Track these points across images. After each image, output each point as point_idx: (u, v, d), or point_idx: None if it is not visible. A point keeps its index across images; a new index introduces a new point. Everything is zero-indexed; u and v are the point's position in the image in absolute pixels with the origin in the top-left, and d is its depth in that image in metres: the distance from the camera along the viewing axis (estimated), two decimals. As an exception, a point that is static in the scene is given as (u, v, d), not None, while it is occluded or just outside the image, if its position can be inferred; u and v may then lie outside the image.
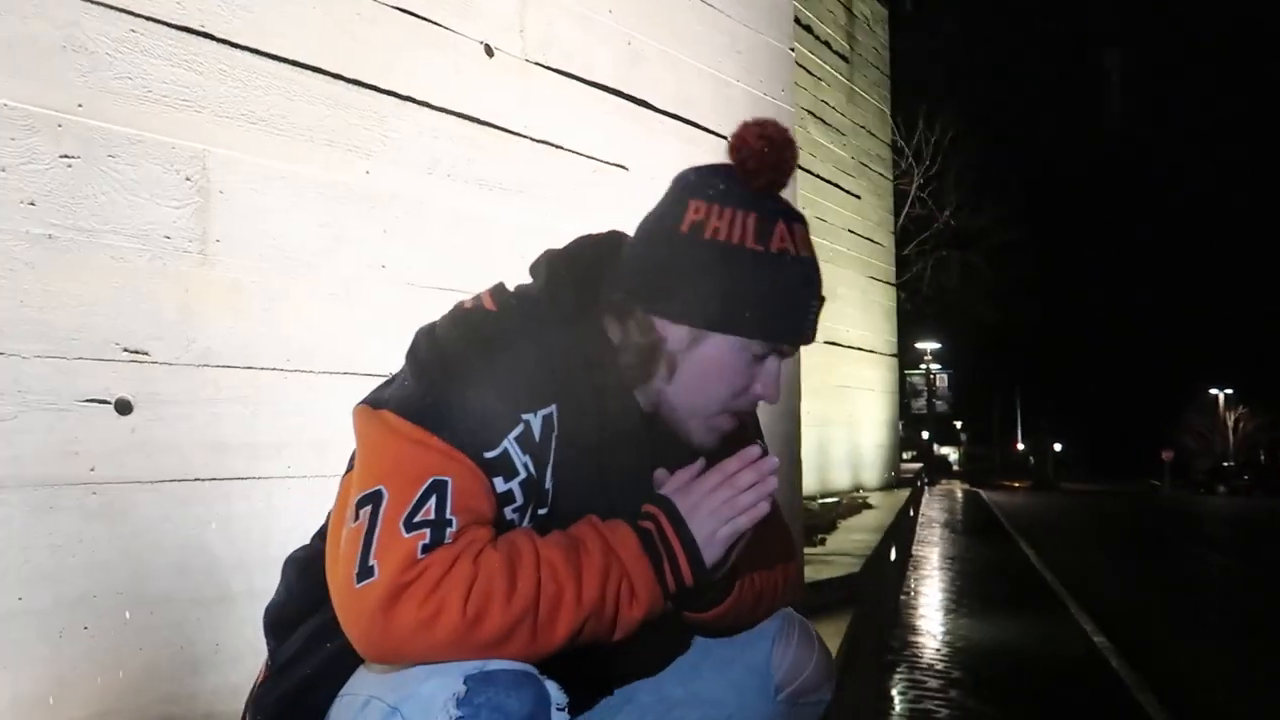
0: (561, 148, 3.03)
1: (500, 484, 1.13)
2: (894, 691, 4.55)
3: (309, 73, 2.36)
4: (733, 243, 1.21)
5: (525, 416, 1.15)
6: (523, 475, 1.14)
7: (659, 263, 1.25)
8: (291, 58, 2.32)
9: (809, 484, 8.36)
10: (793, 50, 4.17)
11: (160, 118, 2.07)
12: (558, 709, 1.04)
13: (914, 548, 11.11)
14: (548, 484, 1.18)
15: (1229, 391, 67.37)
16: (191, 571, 2.07)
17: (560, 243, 1.46)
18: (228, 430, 2.16)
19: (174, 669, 2.04)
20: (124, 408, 1.98)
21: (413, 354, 1.23)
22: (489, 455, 1.12)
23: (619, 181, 3.27)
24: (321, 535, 1.31)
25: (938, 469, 35.88)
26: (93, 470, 1.93)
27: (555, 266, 1.30)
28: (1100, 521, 19.70)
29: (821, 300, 1.28)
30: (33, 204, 1.88)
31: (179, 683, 2.04)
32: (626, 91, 3.31)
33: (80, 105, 1.95)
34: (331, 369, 2.38)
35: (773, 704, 1.35)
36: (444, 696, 1.00)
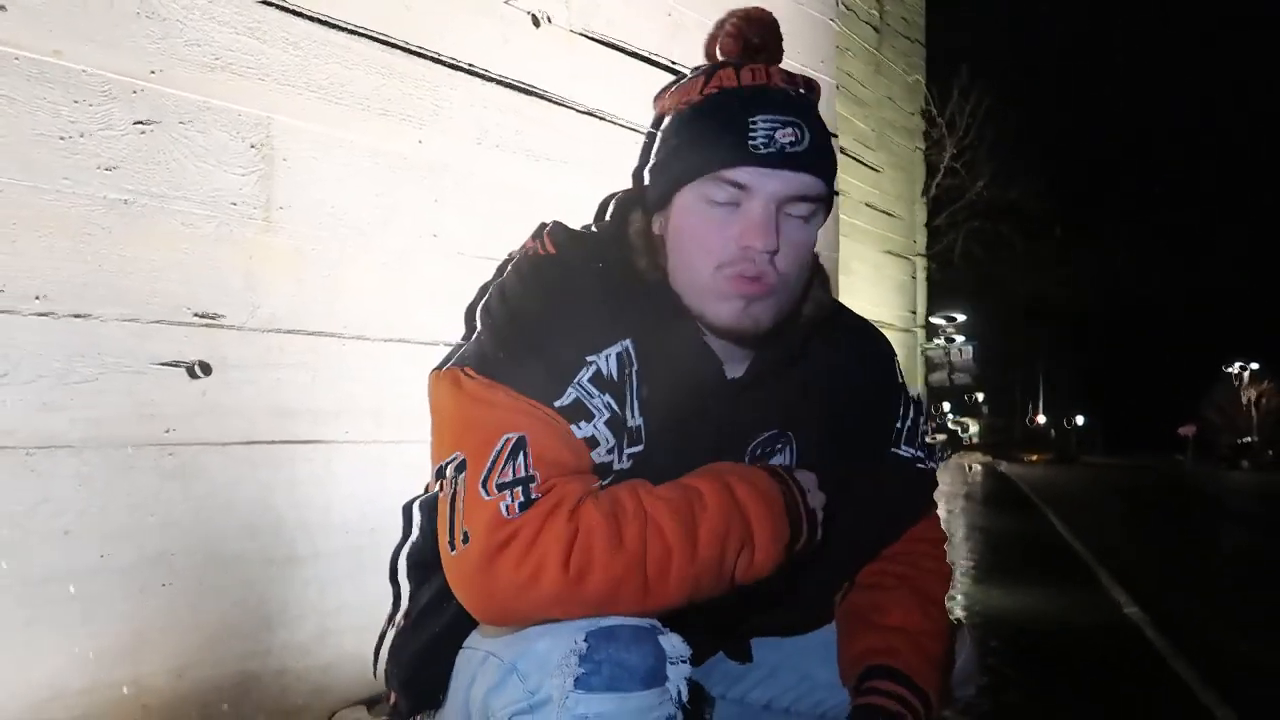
0: (605, 118, 3.05)
1: (581, 429, 1.09)
2: None
3: (365, 40, 2.38)
4: (678, 110, 1.21)
5: (592, 358, 1.10)
6: (605, 415, 1.10)
7: (645, 148, 1.26)
8: (349, 25, 2.34)
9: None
10: (834, 21, 4.17)
11: (227, 85, 2.11)
12: (678, 662, 1.03)
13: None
14: (636, 420, 1.13)
15: (1254, 367, 66.93)
16: (260, 532, 2.12)
17: None
18: (290, 395, 2.20)
19: (248, 626, 2.09)
20: (195, 371, 2.03)
21: (485, 310, 1.19)
22: (560, 403, 1.08)
23: (662, 151, 3.28)
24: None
25: (956, 442, 35.82)
26: (168, 432, 1.98)
27: (622, 205, 1.27)
28: (1124, 495, 19.64)
29: (786, 119, 1.16)
30: (109, 169, 1.92)
31: (253, 639, 2.10)
32: (667, 61, 3.32)
33: (154, 72, 1.98)
34: (386, 337, 2.42)
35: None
36: (563, 652, 1.00)
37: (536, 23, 2.83)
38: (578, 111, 2.95)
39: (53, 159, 1.84)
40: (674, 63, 3.32)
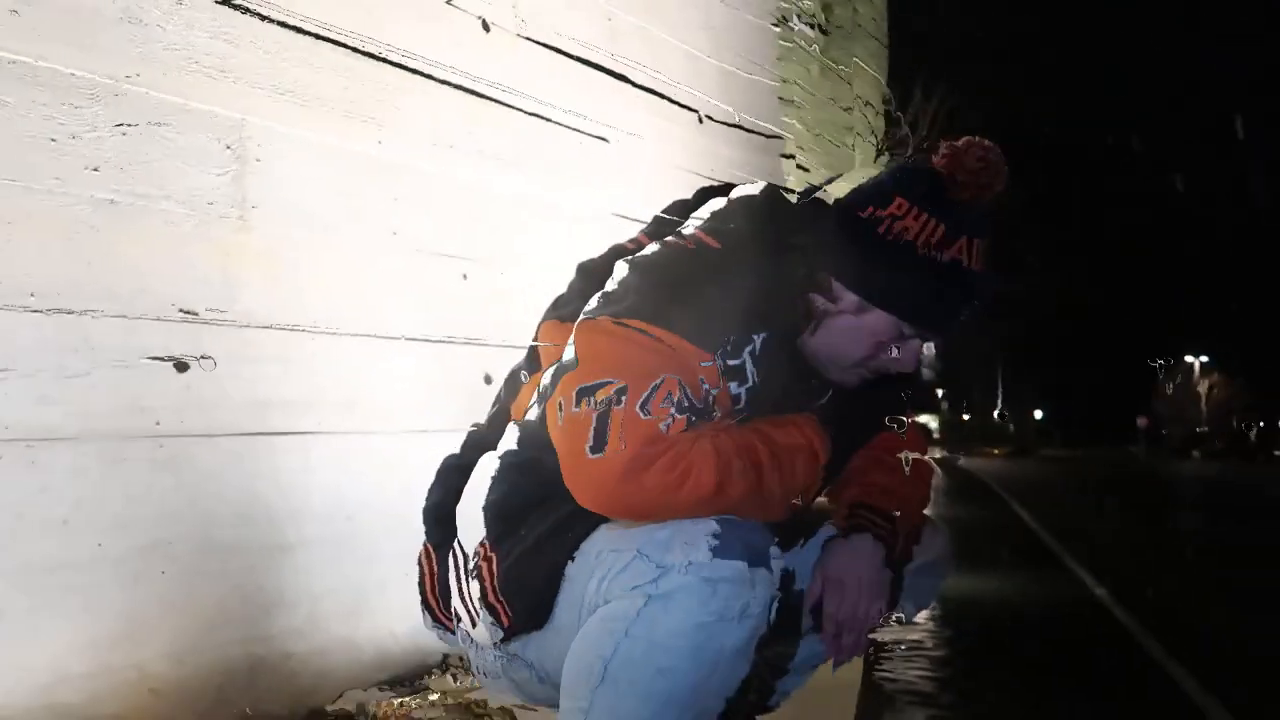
0: (550, 120, 3.17)
1: (734, 388, 1.36)
2: (902, 648, 4.70)
3: (329, 44, 2.46)
4: (916, 244, 1.39)
5: (756, 335, 1.37)
6: (750, 383, 1.37)
7: (854, 239, 1.43)
8: (313, 30, 2.42)
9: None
10: (775, 26, 4.34)
11: (203, 88, 2.16)
12: (776, 557, 1.29)
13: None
14: (742, 402, 1.40)
15: (1204, 359, 69.74)
16: (253, 521, 2.18)
17: (551, 214, 1.67)
18: (266, 388, 2.27)
19: (247, 611, 2.15)
20: (182, 366, 2.08)
21: (644, 265, 1.39)
22: (733, 363, 1.35)
23: (600, 153, 3.41)
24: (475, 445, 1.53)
25: (926, 435, 36.57)
26: (158, 424, 2.03)
27: (759, 212, 1.46)
28: (1082, 485, 20.39)
29: (976, 307, 1.47)
30: (96, 170, 1.96)
31: (254, 624, 2.16)
32: (607, 66, 3.45)
33: (135, 75, 2.03)
34: (353, 331, 2.49)
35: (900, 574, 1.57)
36: (689, 535, 1.22)
37: (486, 28, 2.94)
38: (524, 113, 3.06)
39: (43, 160, 1.88)
40: (614, 63, 3.45)
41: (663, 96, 3.71)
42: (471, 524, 1.45)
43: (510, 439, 1.47)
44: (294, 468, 2.30)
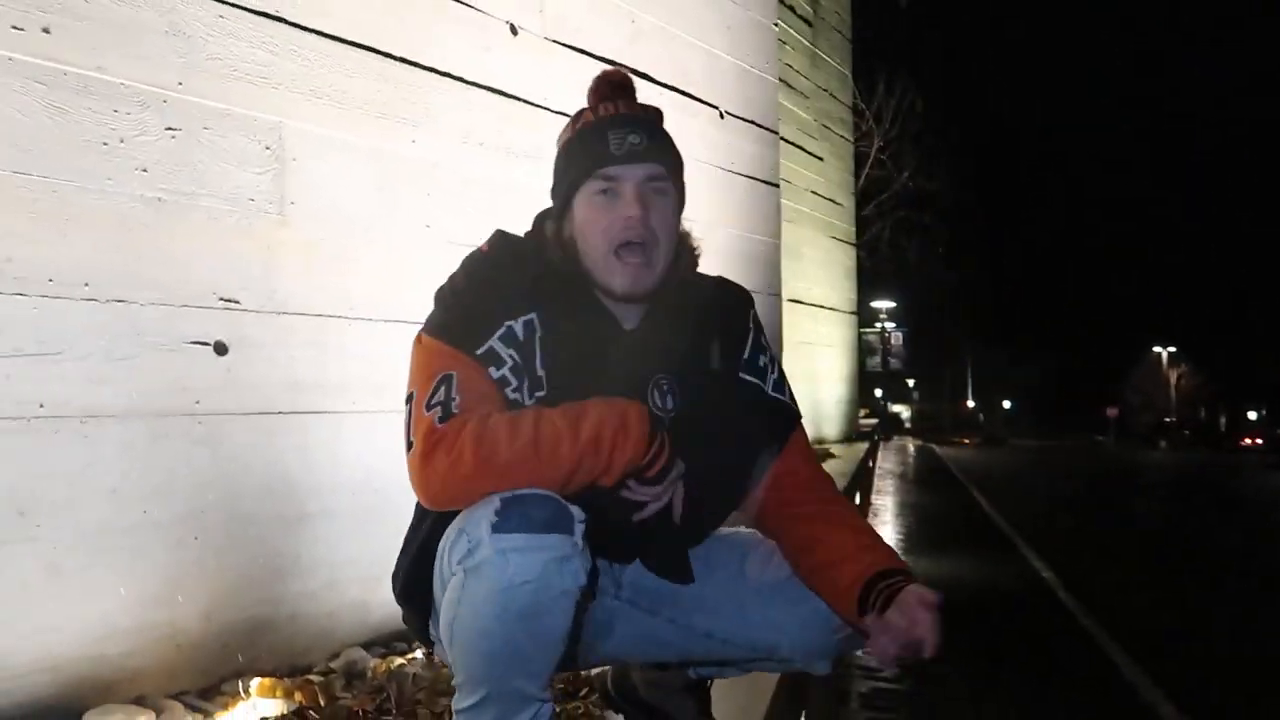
0: (575, 118, 3.32)
1: (494, 372, 1.47)
2: None
3: (363, 51, 2.63)
4: (562, 145, 1.62)
5: (508, 322, 1.49)
6: (509, 364, 1.48)
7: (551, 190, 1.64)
8: (349, 38, 2.59)
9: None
10: (776, 26, 4.47)
11: (244, 93, 2.34)
12: (579, 521, 1.37)
13: (872, 496, 11.58)
14: (539, 371, 1.50)
15: (1171, 350, 69.27)
16: (276, 493, 2.37)
17: None
18: (302, 371, 2.45)
19: (265, 576, 2.35)
20: (221, 349, 2.27)
21: (439, 291, 1.60)
22: (479, 351, 1.47)
23: (624, 149, 3.56)
24: None
25: (891, 425, 36.50)
26: (197, 403, 2.23)
27: (538, 218, 1.66)
28: (1047, 473, 20.40)
29: (631, 131, 1.55)
30: (145, 171, 2.15)
31: (269, 588, 2.36)
32: (630, 65, 3.59)
33: (180, 83, 2.22)
34: (386, 317, 2.67)
35: (830, 638, 1.60)
36: (488, 512, 1.35)
37: (514, 31, 3.09)
38: (551, 111, 3.22)
39: (97, 162, 2.07)
40: (637, 62, 3.59)
41: (684, 93, 3.85)
42: None
43: None
44: (323, 445, 2.49)
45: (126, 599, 2.08)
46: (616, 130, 1.56)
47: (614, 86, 1.66)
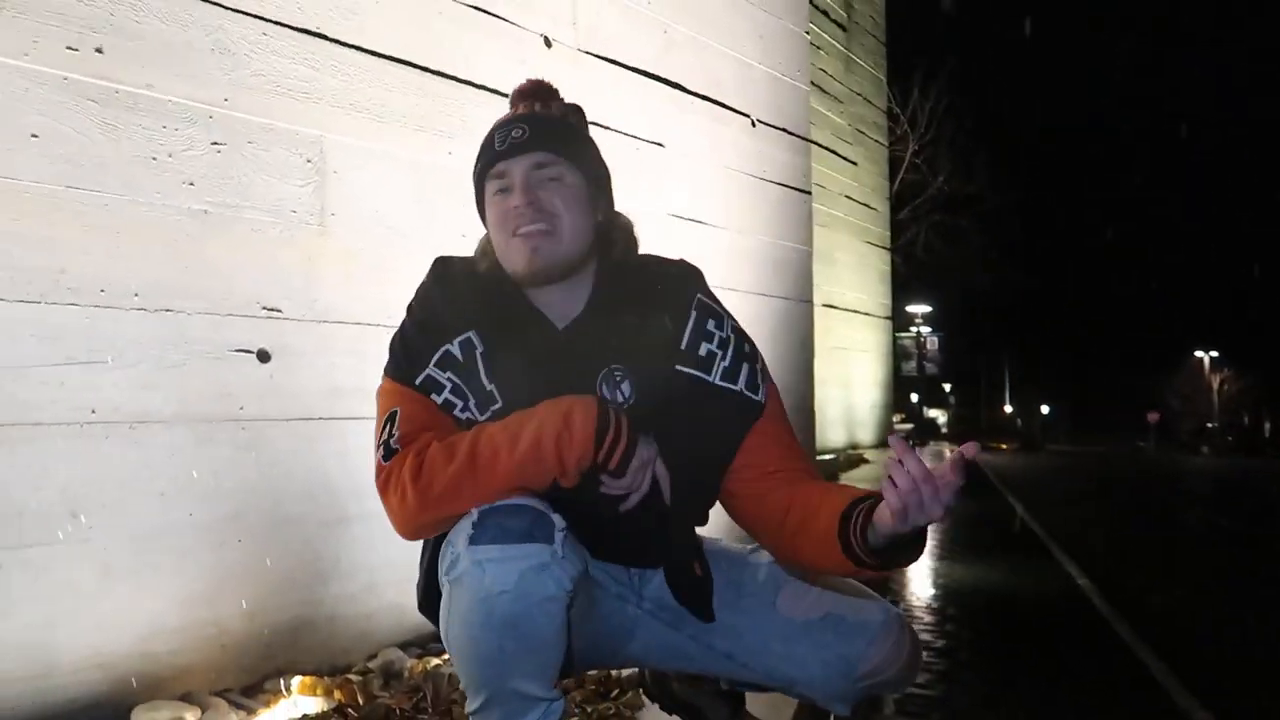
0: (610, 128, 3.37)
1: (436, 398, 1.49)
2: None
3: (402, 66, 2.69)
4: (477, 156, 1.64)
5: (444, 346, 1.51)
6: (449, 386, 1.50)
7: None
8: (388, 53, 2.65)
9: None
10: (807, 34, 4.50)
11: (286, 108, 2.41)
12: (559, 530, 1.37)
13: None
14: (489, 385, 1.50)
15: (1214, 354, 68.39)
16: (317, 497, 2.44)
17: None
18: (342, 378, 2.52)
19: (306, 578, 2.41)
20: (265, 356, 2.34)
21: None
22: (418, 381, 1.50)
23: (657, 158, 3.61)
24: None
25: (927, 430, 36.26)
26: (241, 409, 2.30)
27: (481, 240, 1.68)
28: (1086, 480, 20.17)
29: (515, 126, 1.57)
30: (191, 184, 2.22)
31: (310, 589, 2.42)
32: (663, 75, 3.64)
33: (226, 99, 2.29)
34: (420, 326, 2.73)
35: (850, 685, 1.58)
36: (466, 525, 1.38)
37: (548, 44, 3.15)
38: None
39: (146, 176, 2.15)
40: (669, 72, 3.64)
41: (716, 102, 3.89)
42: None
43: None
44: (363, 450, 2.51)
45: (174, 598, 2.15)
46: (502, 129, 1.59)
47: (521, 94, 1.68)
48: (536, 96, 1.67)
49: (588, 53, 3.31)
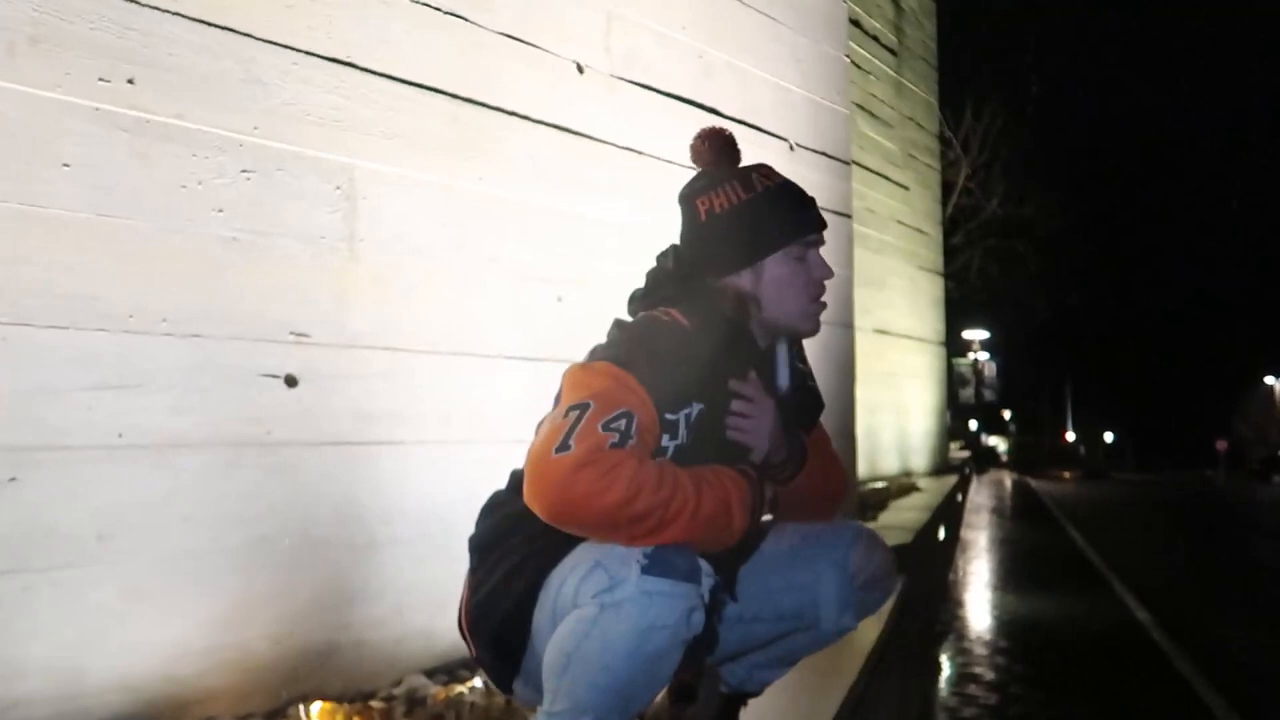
0: (643, 153, 3.37)
1: (665, 440, 1.56)
2: (943, 657, 4.86)
3: (433, 94, 2.72)
4: (734, 203, 1.73)
5: (696, 404, 1.60)
6: (680, 440, 1.58)
7: (703, 246, 1.75)
8: (419, 81, 2.68)
9: (858, 469, 8.63)
10: (847, 57, 4.48)
11: (316, 137, 2.44)
12: (708, 576, 1.48)
13: (962, 531, 11.35)
14: (683, 441, 1.61)
15: None
16: (346, 520, 2.45)
17: (645, 240, 1.97)
18: (371, 402, 2.53)
19: (334, 601, 2.42)
20: (292, 381, 2.36)
21: (629, 330, 1.67)
22: (669, 416, 1.56)
23: (692, 182, 3.60)
24: (512, 488, 1.70)
25: (986, 458, 35.61)
26: (269, 433, 2.31)
27: (699, 287, 1.72)
28: (1150, 509, 19.65)
29: (811, 198, 1.78)
30: (221, 211, 2.26)
31: (338, 613, 2.42)
32: (699, 101, 3.64)
33: (256, 128, 2.32)
34: (453, 350, 2.74)
35: (849, 588, 1.74)
36: (635, 552, 1.44)
37: (580, 70, 3.16)
38: (618, 147, 3.28)
39: (177, 203, 2.19)
40: (704, 96, 3.63)
41: (754, 126, 3.87)
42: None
43: (507, 481, 1.71)
44: (392, 474, 2.56)
45: (200, 621, 2.17)
46: (806, 198, 1.77)
47: (732, 142, 1.81)
48: (735, 149, 1.82)
49: (621, 78, 3.32)
